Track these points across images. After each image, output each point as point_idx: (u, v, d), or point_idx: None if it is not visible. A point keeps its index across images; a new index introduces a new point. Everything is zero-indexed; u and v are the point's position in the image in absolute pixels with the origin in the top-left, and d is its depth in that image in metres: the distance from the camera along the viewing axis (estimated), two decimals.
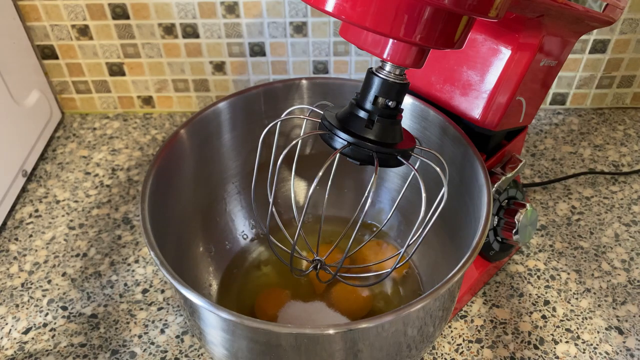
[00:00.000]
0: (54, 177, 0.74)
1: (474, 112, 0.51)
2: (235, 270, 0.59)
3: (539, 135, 0.78)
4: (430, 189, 0.41)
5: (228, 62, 0.79)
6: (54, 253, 0.64)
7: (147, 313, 0.58)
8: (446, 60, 0.51)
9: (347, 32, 0.38)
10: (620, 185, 0.70)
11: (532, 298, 0.58)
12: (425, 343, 0.45)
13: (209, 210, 0.58)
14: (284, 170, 0.62)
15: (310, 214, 0.64)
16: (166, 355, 0.54)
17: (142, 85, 0.82)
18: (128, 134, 0.81)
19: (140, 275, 0.61)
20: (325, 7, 0.34)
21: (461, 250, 0.48)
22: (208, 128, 0.54)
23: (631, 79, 0.80)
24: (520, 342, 0.54)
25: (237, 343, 0.41)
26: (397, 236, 0.61)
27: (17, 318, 0.58)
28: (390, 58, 0.37)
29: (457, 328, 0.56)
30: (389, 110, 0.40)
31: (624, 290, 0.59)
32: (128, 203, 0.70)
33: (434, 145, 0.53)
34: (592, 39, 0.75)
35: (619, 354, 0.53)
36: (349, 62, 0.78)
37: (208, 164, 0.56)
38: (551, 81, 0.55)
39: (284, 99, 0.57)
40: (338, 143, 0.40)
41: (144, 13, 0.74)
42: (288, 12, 0.73)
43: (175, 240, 0.51)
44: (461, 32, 0.35)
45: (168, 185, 0.50)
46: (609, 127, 0.79)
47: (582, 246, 0.63)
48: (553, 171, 0.72)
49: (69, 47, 0.78)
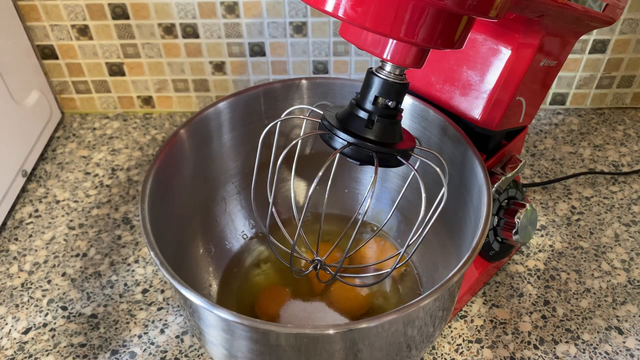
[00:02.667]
0: (54, 177, 0.74)
1: (474, 112, 0.51)
2: (235, 270, 0.59)
3: (539, 135, 0.78)
4: (430, 189, 0.41)
5: (228, 62, 0.79)
6: (54, 253, 0.64)
7: (147, 313, 0.58)
8: (446, 60, 0.51)
9: (347, 32, 0.38)
10: (620, 185, 0.70)
11: (532, 298, 0.58)
12: (425, 343, 0.45)
13: (209, 210, 0.58)
14: (284, 170, 0.62)
15: (310, 212, 0.64)
16: (166, 355, 0.54)
17: (142, 85, 0.82)
18: (128, 134, 0.81)
19: (140, 275, 0.61)
20: (325, 7, 0.34)
21: (461, 250, 0.48)
22: (208, 128, 0.54)
23: (631, 79, 0.80)
24: (520, 342, 0.54)
25: (237, 343, 0.41)
26: (397, 236, 0.61)
27: (17, 318, 0.58)
28: (390, 58, 0.37)
29: (457, 328, 0.56)
30: (388, 110, 0.40)
31: (623, 290, 0.59)
32: (128, 203, 0.70)
33: (434, 145, 0.53)
34: (592, 39, 0.75)
35: (619, 354, 0.53)
36: (349, 62, 0.78)
37: (208, 164, 0.56)
38: (551, 81, 0.55)
39: (284, 99, 0.57)
40: (338, 143, 0.40)
41: (143, 13, 0.74)
42: (288, 12, 0.73)
43: (175, 240, 0.51)
44: (461, 32, 0.35)
45: (168, 185, 0.50)
46: (608, 127, 0.79)
47: (582, 246, 0.63)
48: (553, 171, 0.72)
49: (68, 47, 0.78)
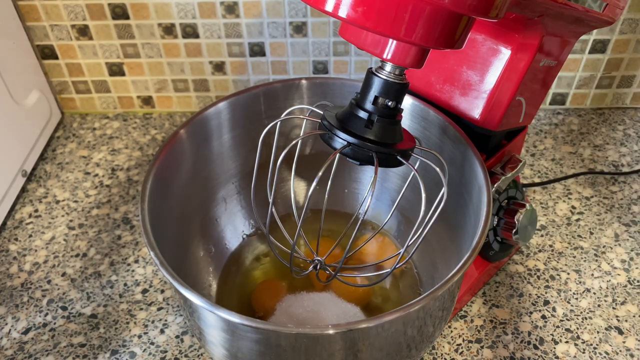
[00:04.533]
0: (54, 177, 0.74)
1: (474, 112, 0.51)
2: (234, 270, 0.59)
3: (538, 135, 0.78)
4: (430, 189, 0.41)
5: (228, 62, 0.79)
6: (54, 253, 0.64)
7: (146, 313, 0.58)
8: (446, 60, 0.51)
9: (346, 32, 0.38)
10: (620, 185, 0.70)
11: (532, 298, 0.58)
12: (425, 343, 0.45)
13: (209, 210, 0.58)
14: (284, 170, 0.62)
15: (310, 212, 0.63)
16: (166, 355, 0.54)
17: (141, 85, 0.82)
18: (128, 134, 0.81)
19: (140, 275, 0.61)
20: (325, 8, 0.34)
21: (461, 250, 0.48)
22: (208, 128, 0.54)
23: (631, 79, 0.80)
24: (520, 342, 0.54)
25: (237, 343, 0.41)
26: (397, 236, 0.61)
27: (16, 318, 0.58)
28: (390, 58, 0.37)
29: (457, 328, 0.56)
30: (388, 110, 0.40)
31: (623, 290, 0.59)
32: (128, 203, 0.70)
33: (434, 145, 0.53)
34: (592, 39, 0.75)
35: (619, 354, 0.53)
36: (349, 62, 0.78)
37: (208, 164, 0.56)
38: (551, 81, 0.55)
39: (283, 99, 0.57)
40: (338, 143, 0.40)
41: (143, 13, 0.74)
42: (288, 12, 0.73)
43: (175, 240, 0.51)
44: (461, 32, 0.35)
45: (168, 185, 0.50)
46: (608, 127, 0.79)
47: (582, 246, 0.63)
48: (553, 171, 0.72)
49: (68, 47, 0.78)
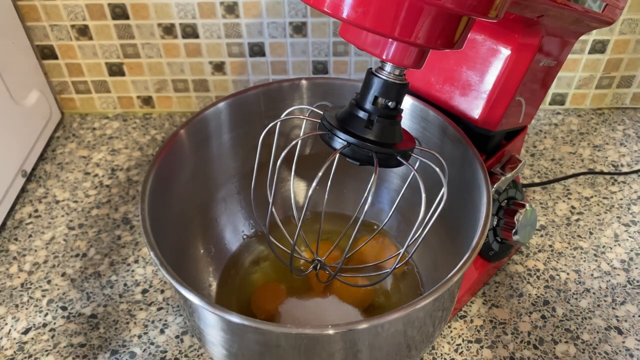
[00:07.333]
0: (54, 177, 0.74)
1: (474, 113, 0.51)
2: (234, 270, 0.59)
3: (538, 136, 0.78)
4: (430, 189, 0.41)
5: (228, 62, 0.79)
6: (54, 253, 0.64)
7: (146, 313, 0.58)
8: (446, 60, 0.51)
9: (346, 32, 0.38)
10: (620, 185, 0.70)
11: (532, 298, 0.58)
12: (425, 343, 0.45)
13: (209, 210, 0.58)
14: (284, 170, 0.62)
15: (310, 212, 0.63)
16: (166, 355, 0.54)
17: (141, 85, 0.82)
18: (128, 134, 0.81)
19: (140, 276, 0.61)
20: (325, 8, 0.34)
21: (461, 250, 0.48)
22: (208, 128, 0.54)
23: (631, 79, 0.80)
24: (519, 342, 0.54)
25: (236, 343, 0.41)
26: (397, 236, 0.61)
27: (16, 318, 0.58)
28: (390, 58, 0.37)
29: (457, 328, 0.56)
30: (388, 111, 0.40)
31: (623, 290, 0.59)
32: (128, 203, 0.70)
33: (433, 145, 0.53)
34: (592, 39, 0.75)
35: (619, 354, 0.53)
36: (349, 62, 0.78)
37: (207, 164, 0.56)
38: (551, 81, 0.55)
39: (283, 99, 0.57)
40: (338, 143, 0.40)
41: (143, 13, 0.74)
42: (288, 12, 0.73)
43: (175, 240, 0.51)
44: (461, 33, 0.35)
45: (168, 185, 0.50)
46: (608, 127, 0.79)
47: (581, 246, 0.63)
48: (552, 171, 0.73)
49: (68, 47, 0.78)
